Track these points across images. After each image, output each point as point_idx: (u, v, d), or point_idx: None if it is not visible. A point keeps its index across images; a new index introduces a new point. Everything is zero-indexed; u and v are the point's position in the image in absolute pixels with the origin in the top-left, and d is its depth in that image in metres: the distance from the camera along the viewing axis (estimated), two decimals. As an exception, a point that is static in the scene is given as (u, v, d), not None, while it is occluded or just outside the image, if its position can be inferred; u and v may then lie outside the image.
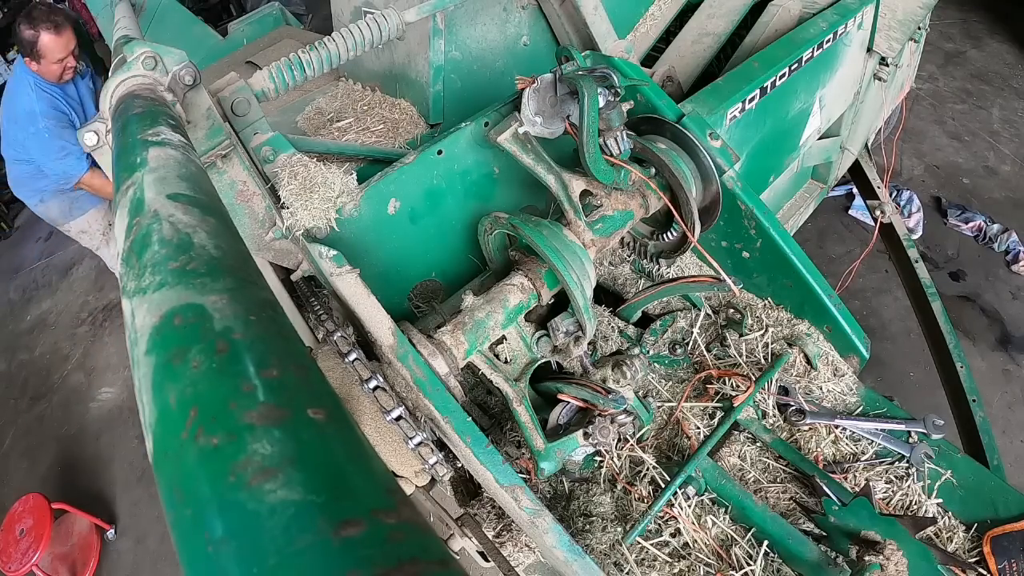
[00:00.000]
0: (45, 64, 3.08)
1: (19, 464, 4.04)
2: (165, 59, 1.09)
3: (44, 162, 3.23)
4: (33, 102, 3.13)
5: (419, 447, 1.25)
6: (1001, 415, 3.15)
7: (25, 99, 3.15)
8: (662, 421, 1.65)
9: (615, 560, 1.42)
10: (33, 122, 3.15)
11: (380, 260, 1.63)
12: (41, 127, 3.14)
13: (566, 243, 1.42)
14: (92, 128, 1.08)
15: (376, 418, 1.29)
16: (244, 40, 3.00)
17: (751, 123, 2.04)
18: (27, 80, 3.14)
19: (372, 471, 0.40)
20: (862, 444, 1.56)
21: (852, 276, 3.27)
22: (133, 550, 3.44)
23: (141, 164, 0.69)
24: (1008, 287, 3.76)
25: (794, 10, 2.32)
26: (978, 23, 6.01)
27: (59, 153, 3.19)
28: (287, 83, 1.47)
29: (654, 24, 2.46)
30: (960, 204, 4.21)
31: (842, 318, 1.68)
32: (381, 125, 2.05)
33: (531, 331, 1.53)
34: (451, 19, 1.94)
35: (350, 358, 1.24)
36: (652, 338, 1.84)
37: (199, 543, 0.35)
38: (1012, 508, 1.41)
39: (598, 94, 1.41)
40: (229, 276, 0.53)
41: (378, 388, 1.23)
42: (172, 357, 0.45)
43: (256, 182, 1.42)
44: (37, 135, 3.16)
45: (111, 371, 4.44)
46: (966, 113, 5.02)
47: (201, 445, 0.39)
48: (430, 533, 0.37)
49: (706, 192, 1.68)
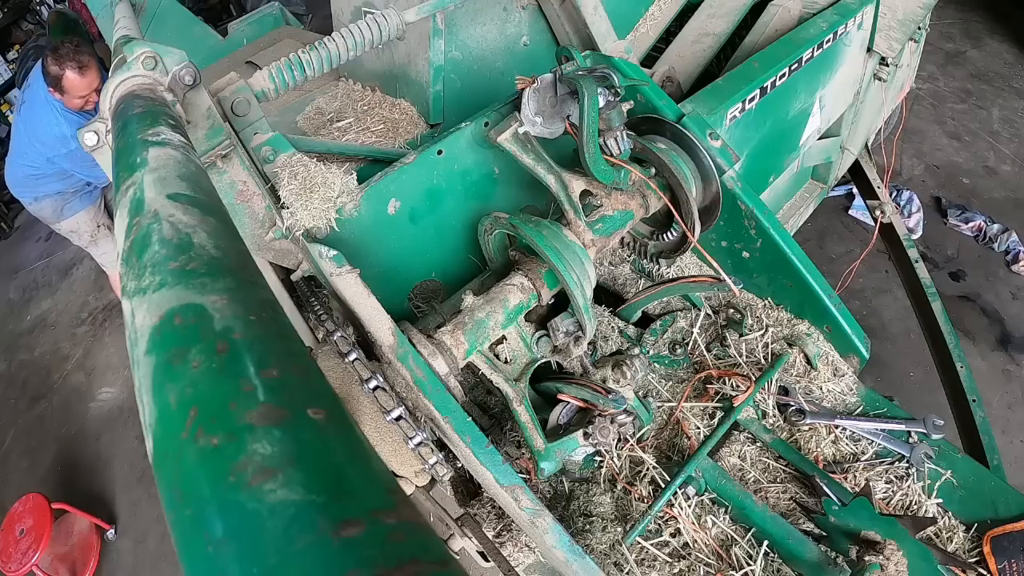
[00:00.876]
0: (67, 98, 3.20)
1: (19, 464, 4.04)
2: (165, 59, 1.09)
3: (80, 172, 3.46)
4: (63, 126, 3.27)
5: (419, 447, 1.25)
6: (1001, 415, 3.15)
7: (54, 124, 3.29)
8: (662, 421, 1.65)
9: (615, 560, 1.42)
10: (65, 144, 3.30)
11: (380, 260, 1.63)
12: (73, 148, 3.29)
13: (566, 243, 1.42)
14: (92, 128, 1.08)
15: (376, 418, 1.29)
16: (244, 40, 3.00)
17: (751, 123, 2.04)
18: (53, 105, 3.26)
19: (372, 471, 0.40)
20: (862, 444, 1.56)
21: (852, 276, 3.27)
22: (133, 550, 3.44)
23: (141, 164, 0.69)
24: (1008, 287, 3.76)
25: (794, 10, 2.32)
26: (978, 23, 6.01)
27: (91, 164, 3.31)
28: (287, 83, 1.47)
29: (654, 24, 2.46)
30: (960, 204, 4.21)
31: (842, 318, 1.68)
32: (381, 125, 2.05)
33: (531, 331, 1.53)
34: (451, 19, 1.94)
35: (350, 358, 1.24)
36: (652, 338, 1.84)
37: (199, 543, 0.35)
38: (1012, 508, 1.41)
39: (598, 94, 1.41)
40: (229, 276, 0.53)
41: (378, 388, 1.23)
42: (172, 357, 0.45)
43: (256, 182, 1.42)
44: (70, 155, 3.32)
45: (111, 371, 4.44)
46: (966, 113, 5.02)
47: (201, 445, 0.39)
48: (430, 533, 0.37)
49: (706, 192, 1.68)
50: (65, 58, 3.05)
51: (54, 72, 3.09)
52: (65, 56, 3.05)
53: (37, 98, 3.29)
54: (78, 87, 3.13)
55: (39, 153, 3.39)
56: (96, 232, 3.87)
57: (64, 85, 3.11)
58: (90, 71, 3.13)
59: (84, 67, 3.09)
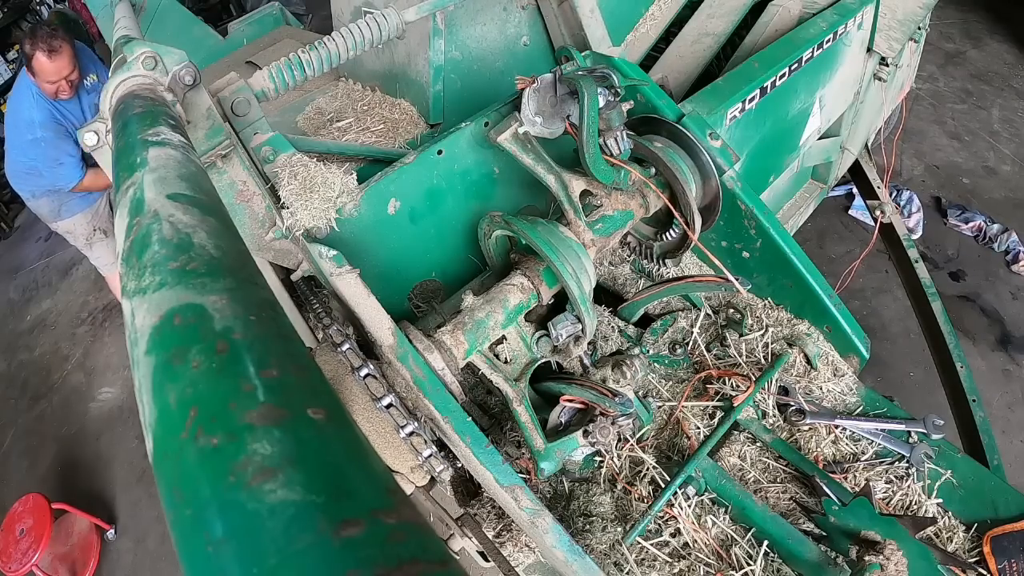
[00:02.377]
0: (39, 81, 3.13)
1: (19, 464, 4.04)
2: (165, 59, 1.09)
3: (40, 168, 3.29)
4: (33, 110, 3.17)
5: (411, 437, 1.25)
6: (1001, 415, 3.15)
7: (26, 106, 3.20)
8: (662, 421, 1.65)
9: (615, 560, 1.42)
10: (31, 130, 3.20)
11: (380, 260, 1.63)
12: (39, 136, 3.19)
13: (561, 238, 1.42)
14: (92, 128, 1.08)
15: (368, 408, 1.29)
16: (244, 40, 3.00)
17: (751, 123, 2.04)
18: (30, 88, 3.18)
19: (372, 471, 0.40)
20: (862, 444, 1.56)
21: (852, 276, 3.27)
22: (133, 550, 3.44)
23: (141, 164, 0.69)
24: (1008, 287, 3.76)
25: (794, 10, 2.32)
26: (978, 23, 6.01)
27: (53, 163, 3.26)
28: (287, 83, 1.47)
29: (654, 24, 2.46)
30: (960, 204, 4.21)
31: (842, 318, 1.68)
32: (381, 125, 2.05)
33: (531, 331, 1.53)
34: (451, 19, 1.94)
35: (343, 348, 1.24)
36: (652, 338, 1.84)
37: (199, 543, 0.35)
38: (1012, 508, 1.41)
39: (598, 94, 1.41)
40: (229, 276, 0.53)
41: (369, 376, 1.23)
42: (172, 357, 0.45)
43: (256, 182, 1.42)
44: (35, 143, 3.21)
45: (111, 371, 4.44)
46: (966, 113, 5.02)
47: (201, 445, 0.39)
48: (430, 533, 0.37)
49: (706, 191, 1.68)
50: (38, 40, 2.99)
51: (27, 52, 3.03)
52: (39, 38, 2.99)
53: (22, 79, 3.23)
54: (47, 71, 3.04)
55: (13, 137, 3.29)
56: (92, 236, 3.81)
57: (34, 67, 3.04)
58: (60, 57, 3.04)
59: (54, 51, 3.01)
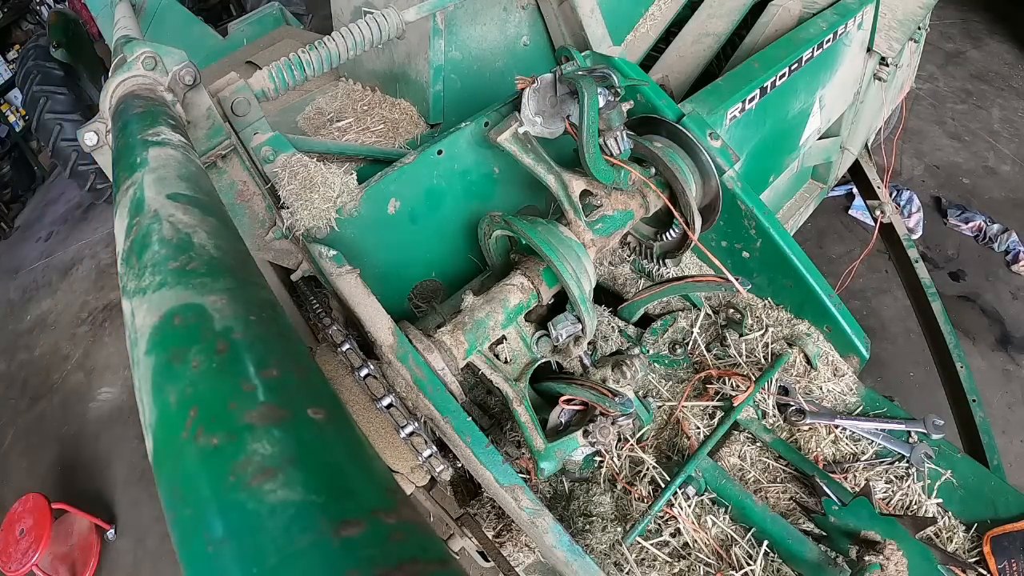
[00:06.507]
0: None
1: (19, 464, 4.04)
2: (165, 59, 1.09)
3: None
4: None
5: (411, 437, 1.25)
6: (1001, 415, 3.15)
7: None
8: (662, 421, 1.65)
9: (615, 560, 1.42)
10: None
11: (380, 260, 1.63)
12: None
13: (560, 237, 1.42)
14: (92, 128, 1.07)
15: (367, 408, 1.29)
16: (244, 40, 3.00)
17: (751, 123, 2.04)
18: None
19: (372, 471, 0.40)
20: (862, 444, 1.56)
21: (852, 276, 3.27)
22: (133, 550, 3.44)
23: (141, 164, 0.69)
24: (1008, 287, 3.76)
25: (794, 10, 2.32)
26: (978, 23, 6.01)
27: None
28: (287, 83, 1.47)
29: (654, 24, 2.46)
30: (960, 204, 4.21)
31: (842, 318, 1.68)
32: (381, 125, 2.04)
33: (531, 331, 1.53)
34: (451, 19, 1.94)
35: (343, 348, 1.24)
36: (652, 338, 1.83)
37: (199, 543, 0.35)
38: (1012, 508, 1.41)
39: (598, 94, 1.41)
40: (229, 276, 0.53)
41: (369, 376, 1.23)
42: (172, 357, 0.45)
43: (256, 182, 1.42)
44: None
45: (111, 371, 4.44)
46: (966, 113, 5.02)
47: (201, 445, 0.39)
48: (430, 533, 0.37)
49: (706, 191, 1.68)
50: None
51: None
52: None
53: None
54: None
55: None
56: None
57: None
58: None
59: None
